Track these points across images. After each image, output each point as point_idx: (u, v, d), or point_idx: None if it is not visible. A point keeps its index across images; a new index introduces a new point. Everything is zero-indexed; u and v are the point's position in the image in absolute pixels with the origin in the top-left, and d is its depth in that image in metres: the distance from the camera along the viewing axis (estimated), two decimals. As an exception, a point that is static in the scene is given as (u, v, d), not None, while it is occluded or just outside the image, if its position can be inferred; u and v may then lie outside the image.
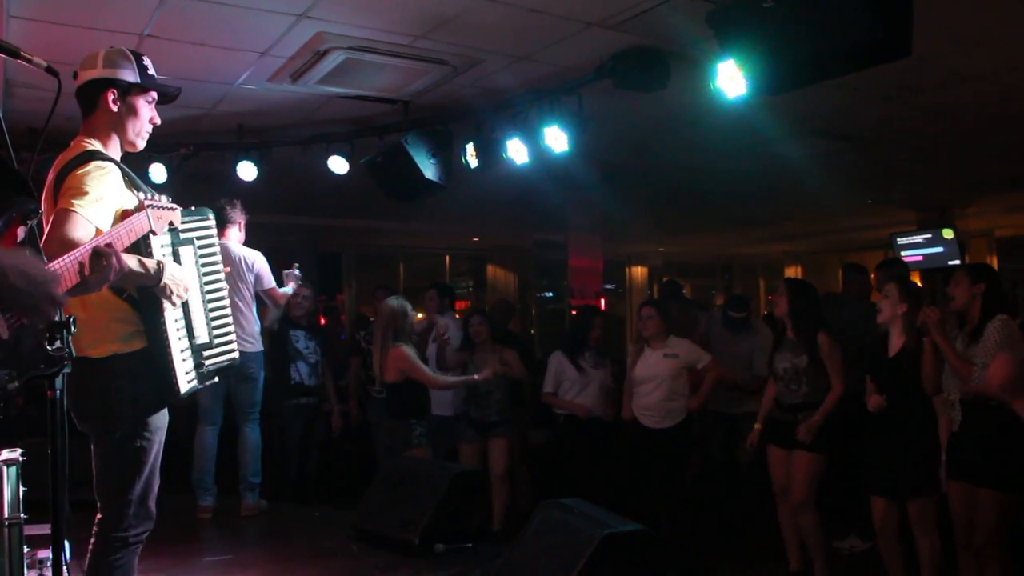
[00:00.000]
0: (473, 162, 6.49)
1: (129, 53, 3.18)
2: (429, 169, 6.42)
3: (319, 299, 9.59)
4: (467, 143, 6.49)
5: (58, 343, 2.31)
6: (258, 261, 6.35)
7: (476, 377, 6.25)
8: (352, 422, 7.61)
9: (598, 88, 5.52)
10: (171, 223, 2.97)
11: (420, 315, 7.35)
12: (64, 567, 2.55)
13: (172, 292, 2.99)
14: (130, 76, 3.14)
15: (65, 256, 2.43)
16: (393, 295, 6.76)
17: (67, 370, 2.38)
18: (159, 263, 2.94)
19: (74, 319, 2.39)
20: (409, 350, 6.08)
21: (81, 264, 2.45)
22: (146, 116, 3.21)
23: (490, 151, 6.34)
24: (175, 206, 2.93)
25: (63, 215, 2.77)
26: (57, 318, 2.32)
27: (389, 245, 14.81)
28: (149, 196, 2.91)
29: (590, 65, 5.40)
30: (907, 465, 4.65)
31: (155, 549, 4.55)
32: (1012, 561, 4.30)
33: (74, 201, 2.79)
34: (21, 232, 2.34)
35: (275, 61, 5.49)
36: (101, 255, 2.51)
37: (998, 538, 4.24)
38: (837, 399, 5.16)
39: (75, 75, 3.15)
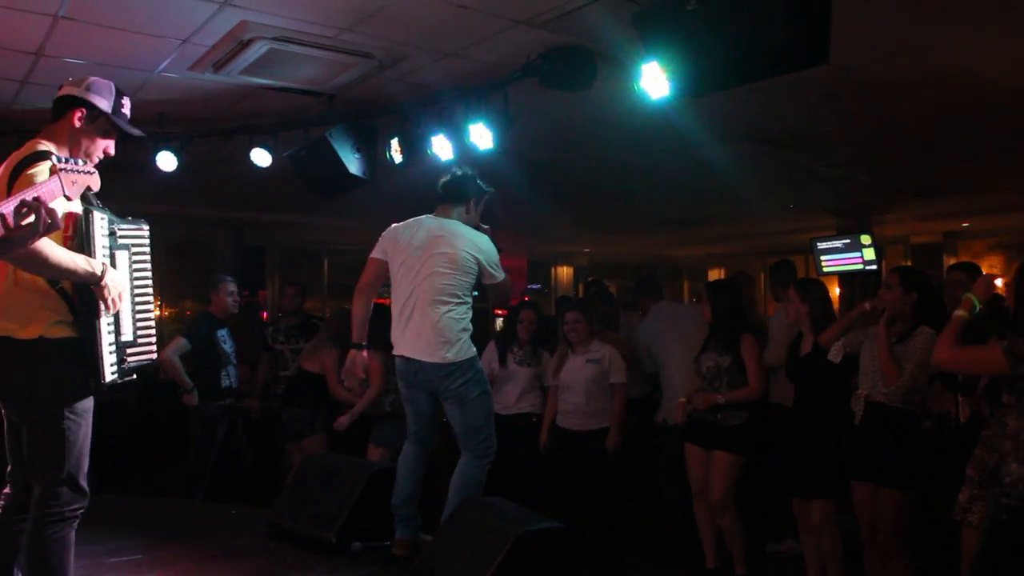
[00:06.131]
0: (398, 158, 6.45)
1: (112, 88, 3.50)
2: (353, 164, 6.36)
3: (242, 294, 9.43)
4: (392, 138, 6.44)
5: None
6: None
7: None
8: (253, 417, 7.50)
9: (524, 86, 5.51)
10: (89, 187, 2.99)
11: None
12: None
13: (109, 294, 3.17)
14: (103, 105, 3.44)
15: None
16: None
17: None
18: (103, 264, 3.16)
19: None
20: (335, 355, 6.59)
21: (3, 216, 2.49)
22: (100, 144, 3.49)
23: (415, 147, 6.29)
24: (93, 170, 2.95)
25: None
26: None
27: (314, 240, 14.64)
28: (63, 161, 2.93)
29: (517, 63, 5.38)
30: (813, 466, 4.78)
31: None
32: (912, 555, 4.47)
33: None
34: None
35: (197, 49, 5.37)
36: (27, 207, 2.54)
37: (899, 535, 4.40)
38: (750, 396, 5.27)
39: (60, 87, 3.48)
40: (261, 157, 6.80)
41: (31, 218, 2.52)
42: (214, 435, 6.97)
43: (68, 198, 2.82)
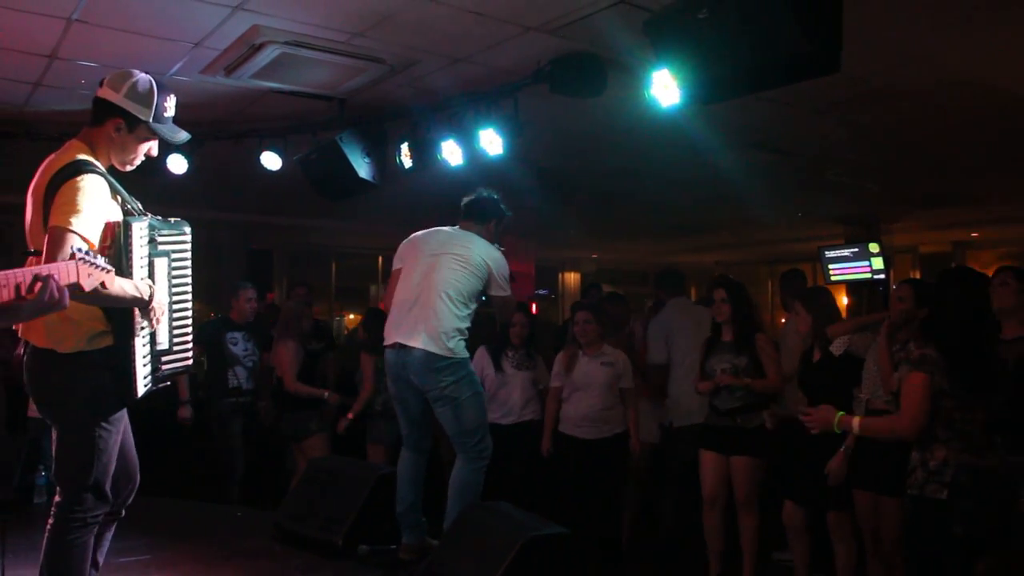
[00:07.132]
0: (407, 162, 6.45)
1: (154, 91, 3.38)
2: (363, 168, 6.38)
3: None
4: (402, 143, 6.44)
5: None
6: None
7: (325, 395, 6.81)
8: (263, 419, 7.49)
9: (535, 92, 5.52)
10: (103, 283, 2.85)
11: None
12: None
13: (155, 315, 3.19)
14: (142, 115, 3.35)
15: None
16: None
17: None
18: (150, 287, 3.14)
19: None
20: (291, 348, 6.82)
21: (19, 285, 2.45)
22: (140, 150, 3.47)
23: (425, 152, 6.29)
24: (111, 268, 2.81)
25: (60, 234, 2.93)
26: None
27: (321, 244, 14.68)
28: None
29: (527, 69, 5.39)
30: (826, 477, 4.76)
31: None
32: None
33: (71, 219, 2.96)
34: None
35: (209, 53, 5.40)
36: (40, 281, 2.49)
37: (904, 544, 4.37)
38: (772, 386, 5.30)
39: (102, 82, 3.36)
40: (271, 160, 6.83)
41: (40, 292, 2.47)
42: (228, 430, 7.04)
43: (81, 288, 2.71)
